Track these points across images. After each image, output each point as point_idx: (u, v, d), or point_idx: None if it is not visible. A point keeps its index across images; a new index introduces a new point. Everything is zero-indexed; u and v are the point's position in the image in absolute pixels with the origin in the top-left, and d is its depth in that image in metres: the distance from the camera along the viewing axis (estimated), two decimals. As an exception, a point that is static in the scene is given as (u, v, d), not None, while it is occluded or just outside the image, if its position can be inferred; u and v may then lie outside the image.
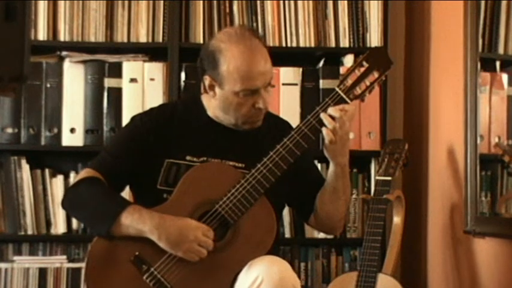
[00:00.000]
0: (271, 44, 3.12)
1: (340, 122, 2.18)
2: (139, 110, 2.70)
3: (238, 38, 2.23)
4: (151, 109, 2.44)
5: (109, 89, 3.11)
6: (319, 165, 3.02)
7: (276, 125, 2.43)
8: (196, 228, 2.14)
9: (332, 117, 2.19)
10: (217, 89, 2.27)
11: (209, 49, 2.27)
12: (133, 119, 2.39)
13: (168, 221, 2.14)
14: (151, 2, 3.15)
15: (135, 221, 2.14)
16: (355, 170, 3.16)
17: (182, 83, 3.13)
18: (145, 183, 2.30)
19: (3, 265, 3.06)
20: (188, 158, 2.28)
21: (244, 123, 2.29)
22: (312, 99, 3.10)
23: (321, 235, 3.15)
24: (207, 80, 2.28)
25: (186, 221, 2.15)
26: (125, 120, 3.01)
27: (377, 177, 2.70)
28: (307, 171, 2.42)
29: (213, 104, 2.33)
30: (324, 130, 2.19)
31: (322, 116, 2.19)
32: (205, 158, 2.28)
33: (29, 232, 3.08)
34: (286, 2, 3.19)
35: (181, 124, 2.34)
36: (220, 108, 2.29)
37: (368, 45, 3.17)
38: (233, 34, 2.25)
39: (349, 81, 2.24)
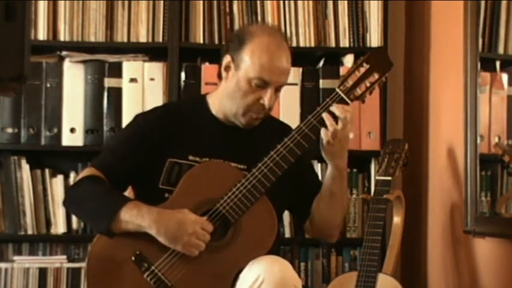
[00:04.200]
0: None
1: (344, 123, 2.17)
2: (139, 110, 2.71)
3: (271, 32, 2.31)
4: (156, 108, 2.44)
5: (109, 89, 3.11)
6: (318, 166, 3.02)
7: (278, 128, 2.42)
8: (195, 221, 2.13)
9: (334, 116, 2.19)
10: (232, 71, 2.28)
11: (240, 32, 2.36)
12: (136, 117, 2.39)
13: (166, 215, 2.14)
14: (151, 2, 3.15)
15: (134, 217, 2.14)
16: (355, 170, 3.16)
17: (182, 83, 3.13)
18: (147, 182, 2.30)
19: (3, 265, 3.06)
20: (191, 157, 2.28)
21: (244, 116, 2.28)
22: (312, 99, 3.10)
23: (321, 235, 3.15)
24: (226, 58, 2.29)
25: (185, 215, 2.14)
26: (125, 120, 3.02)
27: (377, 177, 2.70)
28: (305, 175, 2.41)
29: (220, 93, 2.33)
30: (322, 131, 2.19)
31: (325, 116, 2.19)
32: (207, 159, 2.27)
33: (29, 232, 3.07)
34: (286, 2, 3.18)
35: (185, 123, 2.34)
36: (228, 94, 2.29)
37: (368, 45, 3.17)
38: (267, 27, 2.49)
39: (350, 82, 2.24)
